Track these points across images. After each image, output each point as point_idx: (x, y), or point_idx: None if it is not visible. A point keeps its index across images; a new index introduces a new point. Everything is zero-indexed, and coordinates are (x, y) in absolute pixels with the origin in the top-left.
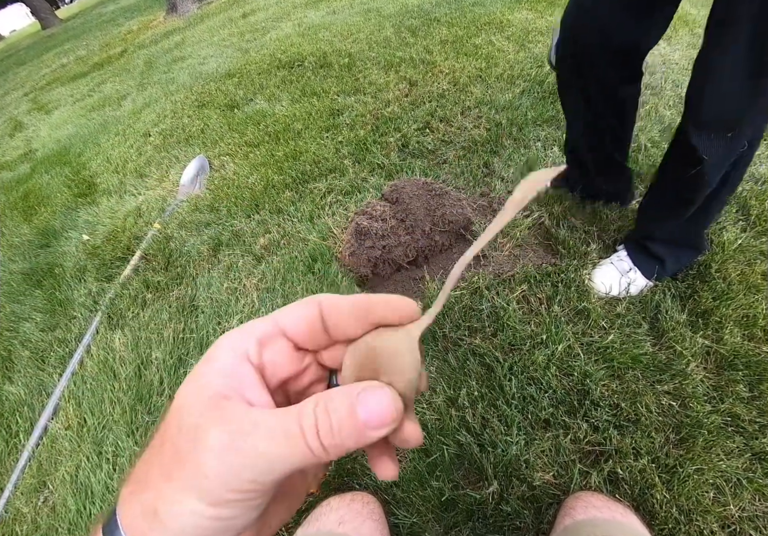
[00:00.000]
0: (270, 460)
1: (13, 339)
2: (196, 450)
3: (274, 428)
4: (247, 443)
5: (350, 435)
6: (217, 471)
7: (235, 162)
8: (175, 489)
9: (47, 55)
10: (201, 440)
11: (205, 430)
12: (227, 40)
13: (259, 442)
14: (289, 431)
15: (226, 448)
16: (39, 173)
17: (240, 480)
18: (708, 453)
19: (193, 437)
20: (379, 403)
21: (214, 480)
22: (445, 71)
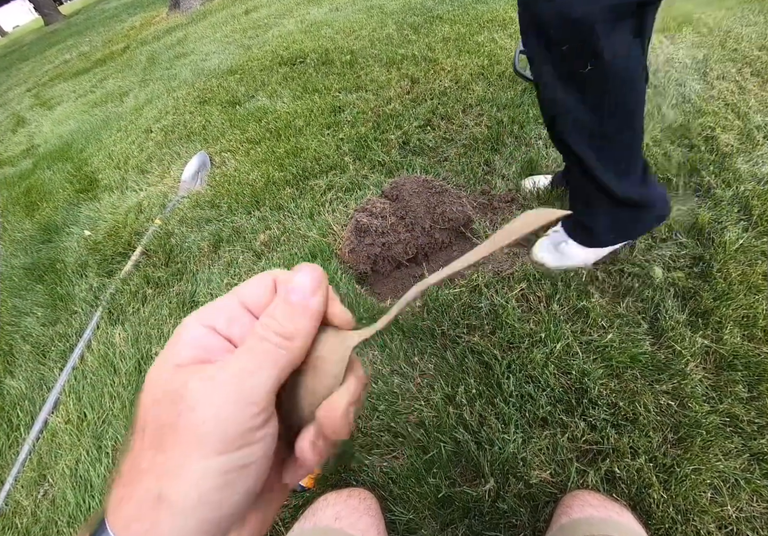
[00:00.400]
0: (254, 373)
1: (14, 334)
2: (181, 408)
3: (243, 351)
4: (227, 371)
5: (296, 315)
6: (213, 412)
7: (236, 159)
8: (175, 457)
9: (50, 51)
10: (182, 396)
11: (183, 387)
12: (229, 37)
13: (238, 365)
14: (254, 345)
15: (210, 388)
16: (41, 168)
17: (238, 408)
18: (706, 453)
19: (173, 399)
20: (301, 278)
21: (212, 423)
22: (447, 69)
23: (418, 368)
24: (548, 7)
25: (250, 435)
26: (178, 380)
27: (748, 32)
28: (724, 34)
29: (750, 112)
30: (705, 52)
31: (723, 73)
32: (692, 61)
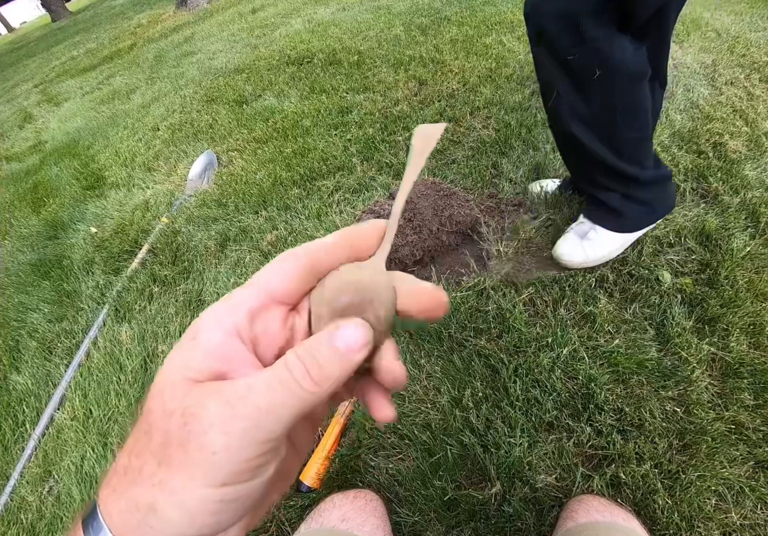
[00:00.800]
0: (273, 412)
1: (20, 329)
2: (195, 430)
3: (268, 382)
4: (247, 405)
5: (334, 363)
6: (225, 444)
7: (243, 158)
8: (179, 477)
9: (57, 47)
10: (197, 418)
11: (200, 406)
12: (237, 36)
13: (259, 399)
14: (282, 379)
15: (229, 417)
16: (48, 164)
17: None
18: (711, 460)
19: (185, 419)
20: (354, 330)
21: (223, 454)
22: (455, 71)
23: (425, 370)
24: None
25: (258, 469)
26: (194, 398)
27: (757, 38)
28: (733, 39)
29: (758, 118)
30: (713, 57)
31: (731, 79)
32: (700, 66)
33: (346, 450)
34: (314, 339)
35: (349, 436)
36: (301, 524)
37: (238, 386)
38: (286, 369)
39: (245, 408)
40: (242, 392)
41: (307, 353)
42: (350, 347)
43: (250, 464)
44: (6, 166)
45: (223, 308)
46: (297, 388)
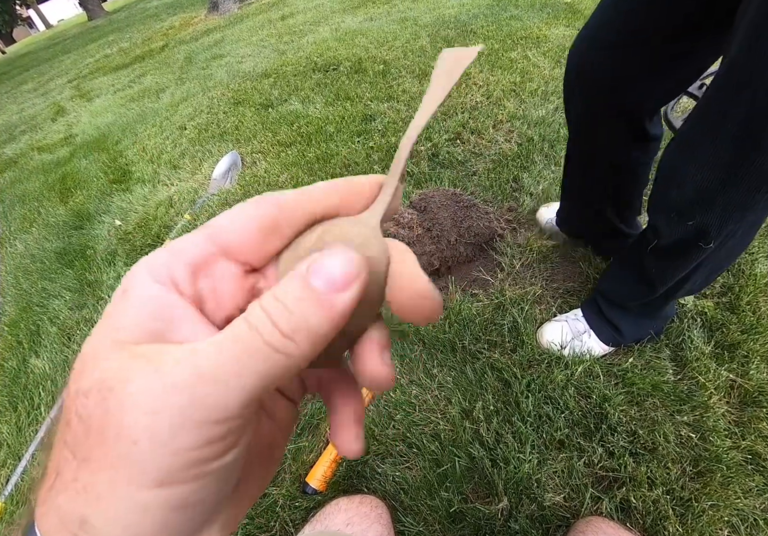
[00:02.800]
0: (224, 381)
1: (42, 315)
2: (113, 409)
3: (218, 342)
4: (184, 372)
5: (312, 310)
6: (150, 428)
7: (266, 160)
8: (103, 477)
9: (92, 45)
10: (116, 393)
11: (121, 378)
12: (265, 41)
13: (202, 364)
14: (238, 335)
15: (158, 390)
16: (77, 157)
17: (192, 428)
18: (725, 490)
19: (102, 395)
20: (335, 262)
21: (147, 443)
22: (479, 83)
23: (437, 380)
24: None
25: (204, 465)
26: (114, 366)
27: None
28: None
29: None
30: None
31: None
32: None
33: None
34: (284, 281)
35: None
36: (305, 525)
37: (174, 349)
38: (246, 323)
39: (181, 375)
40: (179, 356)
41: (273, 299)
42: (334, 284)
43: (194, 455)
44: (37, 156)
45: (160, 257)
46: (260, 345)
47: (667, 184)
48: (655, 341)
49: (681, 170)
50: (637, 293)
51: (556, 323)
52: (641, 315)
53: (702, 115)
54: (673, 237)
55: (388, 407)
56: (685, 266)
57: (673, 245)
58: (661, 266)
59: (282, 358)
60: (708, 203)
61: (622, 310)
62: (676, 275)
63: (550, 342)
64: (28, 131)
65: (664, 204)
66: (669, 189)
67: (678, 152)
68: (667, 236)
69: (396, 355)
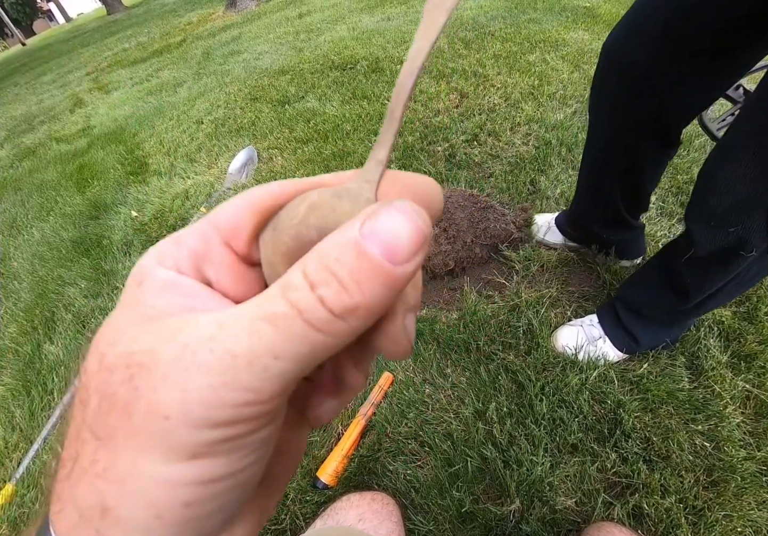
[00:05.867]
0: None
1: (57, 302)
2: (142, 385)
3: (250, 318)
4: (214, 351)
5: (370, 285)
6: (182, 403)
7: (283, 156)
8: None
9: (110, 39)
10: (146, 368)
11: (150, 352)
12: (282, 38)
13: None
14: (276, 312)
15: (189, 368)
16: (95, 148)
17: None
18: (739, 500)
19: (131, 372)
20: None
21: (179, 418)
22: (497, 86)
23: (450, 380)
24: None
25: (237, 440)
26: (144, 341)
27: None
28: None
29: None
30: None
31: None
32: None
33: (366, 451)
34: (331, 243)
35: (369, 438)
36: (316, 519)
37: (202, 324)
38: (284, 298)
39: (211, 354)
40: (212, 332)
41: (321, 268)
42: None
43: (227, 431)
44: (56, 146)
45: (165, 246)
46: (303, 327)
47: (709, 193)
48: (670, 348)
49: (722, 180)
50: (668, 302)
51: (571, 328)
52: (661, 324)
53: (744, 124)
54: (713, 246)
55: (401, 405)
56: (725, 276)
57: (713, 254)
58: (698, 275)
59: (328, 340)
60: (749, 212)
61: (642, 318)
62: (714, 285)
63: (565, 346)
64: (46, 122)
65: (705, 212)
66: (710, 198)
67: (719, 161)
68: (706, 245)
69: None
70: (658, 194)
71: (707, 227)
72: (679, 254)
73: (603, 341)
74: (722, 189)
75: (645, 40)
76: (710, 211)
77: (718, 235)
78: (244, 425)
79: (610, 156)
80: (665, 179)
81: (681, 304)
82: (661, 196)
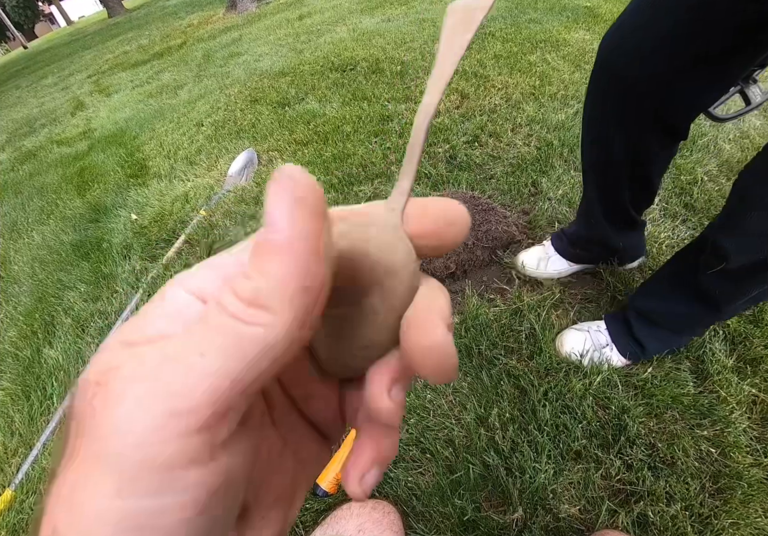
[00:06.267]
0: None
1: (57, 306)
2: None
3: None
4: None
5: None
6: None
7: (283, 158)
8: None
9: (111, 41)
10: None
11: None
12: (282, 40)
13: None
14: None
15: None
16: (95, 151)
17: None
18: (746, 508)
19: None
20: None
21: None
22: (498, 86)
23: (452, 385)
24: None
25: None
26: (116, 358)
27: None
28: None
29: None
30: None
31: None
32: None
33: None
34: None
35: None
36: (316, 528)
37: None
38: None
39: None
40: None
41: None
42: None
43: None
44: (56, 149)
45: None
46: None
47: (744, 209)
48: (675, 352)
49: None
50: (683, 311)
51: (578, 333)
52: (672, 332)
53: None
54: (746, 259)
55: None
56: (758, 286)
57: (743, 267)
58: (729, 287)
59: (258, 331)
60: None
61: (654, 327)
62: (746, 295)
63: (571, 352)
64: (47, 125)
65: (740, 229)
66: (746, 214)
67: (754, 178)
68: (739, 259)
69: None
70: (661, 195)
71: (741, 241)
72: (705, 267)
73: (610, 349)
74: (759, 206)
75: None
76: (747, 228)
77: (752, 248)
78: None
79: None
80: (669, 179)
81: (712, 316)
82: (665, 197)
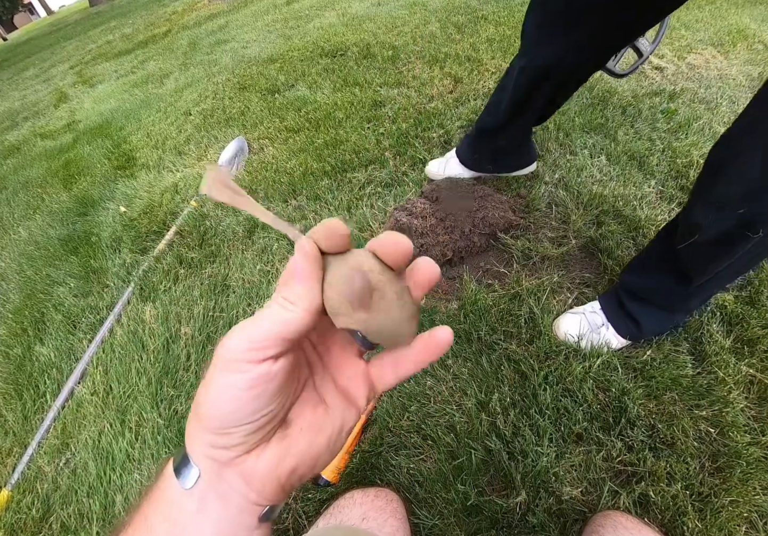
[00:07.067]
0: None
1: (46, 302)
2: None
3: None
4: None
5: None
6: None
7: (274, 146)
8: (210, 373)
9: (94, 31)
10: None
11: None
12: (270, 26)
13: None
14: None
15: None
16: (81, 143)
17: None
18: (744, 486)
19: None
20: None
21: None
22: (491, 70)
23: (452, 371)
24: None
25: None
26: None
27: None
28: None
29: None
30: (760, 70)
31: None
32: (746, 79)
33: (368, 446)
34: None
35: (370, 432)
36: (319, 518)
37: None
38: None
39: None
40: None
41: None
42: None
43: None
44: (40, 142)
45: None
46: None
47: (715, 179)
48: (673, 334)
49: (729, 168)
50: (670, 287)
51: (573, 316)
52: (663, 309)
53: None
54: (719, 230)
55: (402, 398)
56: (728, 258)
57: (718, 237)
58: (701, 258)
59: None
60: (760, 195)
61: (645, 304)
62: (717, 267)
63: (567, 334)
64: (30, 118)
65: (712, 198)
66: (716, 185)
67: (726, 150)
68: (712, 229)
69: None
70: (657, 178)
71: (715, 211)
72: (681, 239)
73: (606, 328)
74: (732, 177)
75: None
76: (719, 197)
77: (726, 219)
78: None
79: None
80: (664, 162)
81: (683, 287)
82: (661, 180)
